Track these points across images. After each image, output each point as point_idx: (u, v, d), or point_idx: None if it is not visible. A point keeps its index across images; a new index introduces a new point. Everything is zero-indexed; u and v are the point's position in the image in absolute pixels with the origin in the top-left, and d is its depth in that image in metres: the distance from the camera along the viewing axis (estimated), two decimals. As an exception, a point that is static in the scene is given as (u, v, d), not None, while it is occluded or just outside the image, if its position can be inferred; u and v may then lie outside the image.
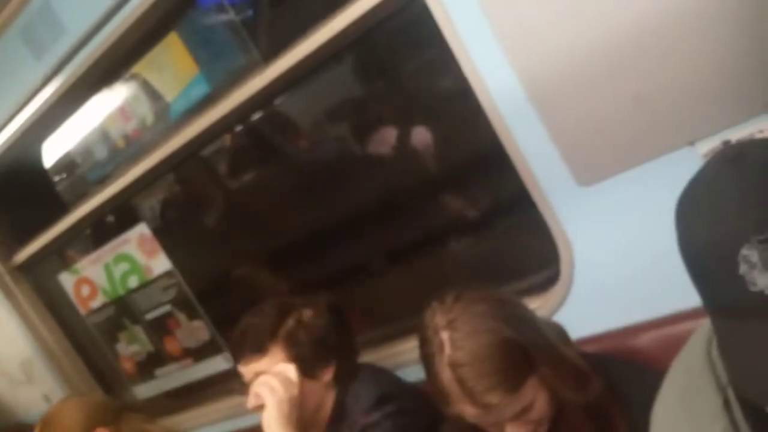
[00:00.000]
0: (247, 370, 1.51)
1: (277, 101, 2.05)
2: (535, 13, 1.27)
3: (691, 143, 1.23)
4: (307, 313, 1.53)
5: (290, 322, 1.52)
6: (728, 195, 0.72)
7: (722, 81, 1.16)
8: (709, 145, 1.22)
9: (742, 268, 0.68)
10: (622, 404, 1.16)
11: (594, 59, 1.24)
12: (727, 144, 1.21)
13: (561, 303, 1.49)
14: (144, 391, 2.73)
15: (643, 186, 1.30)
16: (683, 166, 0.81)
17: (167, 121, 2.09)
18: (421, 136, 1.83)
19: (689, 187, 0.77)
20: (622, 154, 1.30)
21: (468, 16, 1.34)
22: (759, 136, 1.19)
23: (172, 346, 2.50)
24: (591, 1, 1.21)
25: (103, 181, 2.37)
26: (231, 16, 1.83)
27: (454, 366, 1.09)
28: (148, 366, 2.63)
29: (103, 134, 2.31)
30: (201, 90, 1.96)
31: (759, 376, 0.70)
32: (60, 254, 2.72)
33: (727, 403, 0.82)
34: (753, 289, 0.68)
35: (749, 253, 0.67)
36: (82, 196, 2.47)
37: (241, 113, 1.91)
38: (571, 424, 1.15)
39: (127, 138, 2.24)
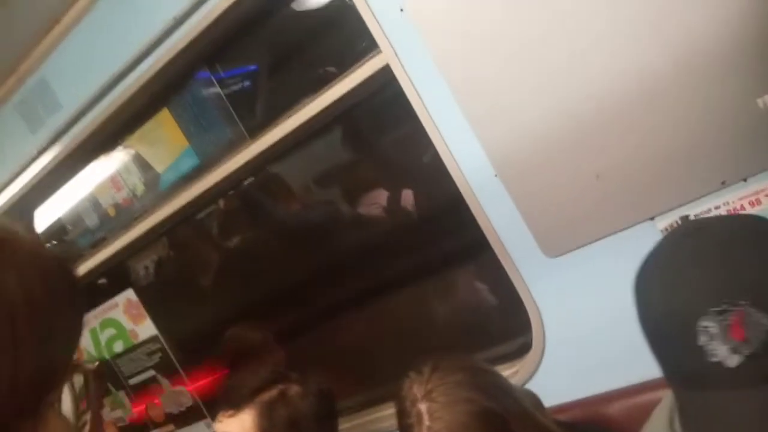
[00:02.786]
0: (219, 427, 1.48)
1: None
2: (503, 97, 1.35)
3: (651, 218, 1.29)
4: (295, 389, 1.47)
5: (274, 392, 1.47)
6: (687, 268, 0.73)
7: (680, 159, 1.23)
8: (668, 220, 1.29)
9: (702, 339, 0.69)
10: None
11: (558, 139, 1.32)
12: (684, 219, 1.27)
13: (534, 371, 1.52)
14: (127, 457, 2.69)
15: (606, 258, 1.35)
16: (644, 239, 0.84)
17: (157, 191, 2.15)
18: (399, 205, 1.88)
19: (648, 260, 0.79)
20: (585, 227, 1.36)
21: (440, 100, 1.42)
22: (715, 212, 1.25)
23: (154, 411, 2.49)
24: (555, 85, 1.29)
25: (92, 246, 2.41)
26: (218, 91, 1.91)
27: None
28: (131, 431, 2.61)
29: (94, 203, 2.36)
30: (190, 162, 2.03)
31: None
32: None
33: None
34: (712, 359, 0.68)
35: (708, 324, 0.68)
36: (71, 261, 2.50)
37: (227, 184, 1.98)
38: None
39: (117, 206, 2.30)
